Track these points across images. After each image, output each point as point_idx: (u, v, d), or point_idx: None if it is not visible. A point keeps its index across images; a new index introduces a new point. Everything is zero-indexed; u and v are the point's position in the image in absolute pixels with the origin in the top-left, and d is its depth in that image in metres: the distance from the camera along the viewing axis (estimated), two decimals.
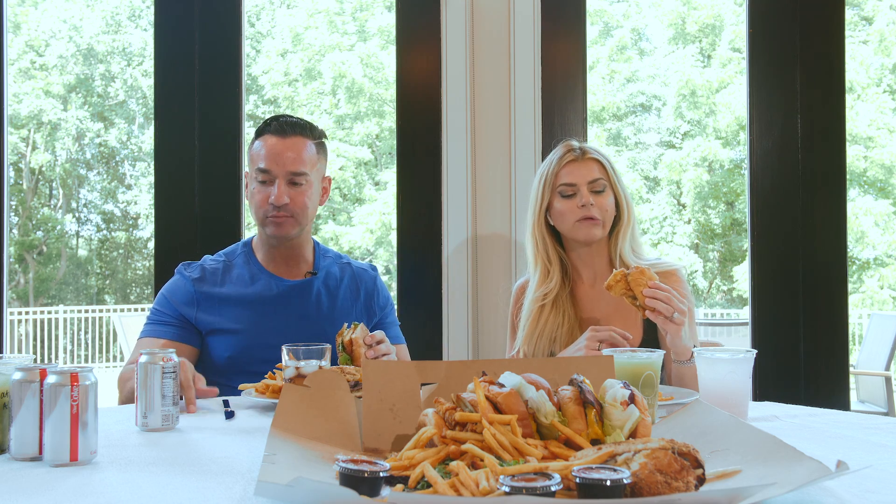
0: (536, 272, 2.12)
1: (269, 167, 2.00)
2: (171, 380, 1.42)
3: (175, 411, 1.43)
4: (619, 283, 1.76)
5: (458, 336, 2.84)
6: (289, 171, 2.00)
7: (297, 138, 2.03)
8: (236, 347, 2.00)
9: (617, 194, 2.07)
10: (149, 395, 1.40)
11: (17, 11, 12.21)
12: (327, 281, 2.14)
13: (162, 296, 2.07)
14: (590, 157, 2.06)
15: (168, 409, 1.41)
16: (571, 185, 2.04)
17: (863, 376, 5.10)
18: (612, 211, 2.06)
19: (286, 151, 2.00)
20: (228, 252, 2.16)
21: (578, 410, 1.08)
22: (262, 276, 2.08)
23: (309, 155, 2.04)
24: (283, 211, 2.00)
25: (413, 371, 1.25)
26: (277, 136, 2.02)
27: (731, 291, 12.13)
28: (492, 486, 0.88)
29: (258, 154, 2.03)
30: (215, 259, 2.13)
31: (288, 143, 2.01)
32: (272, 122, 2.05)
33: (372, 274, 2.23)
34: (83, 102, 12.73)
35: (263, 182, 2.01)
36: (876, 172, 10.93)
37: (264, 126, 2.06)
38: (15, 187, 12.51)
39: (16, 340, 9.88)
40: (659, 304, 1.71)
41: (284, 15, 12.66)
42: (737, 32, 11.61)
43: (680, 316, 1.72)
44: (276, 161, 2.00)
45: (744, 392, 1.49)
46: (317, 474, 0.99)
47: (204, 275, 2.07)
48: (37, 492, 1.02)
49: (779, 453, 0.99)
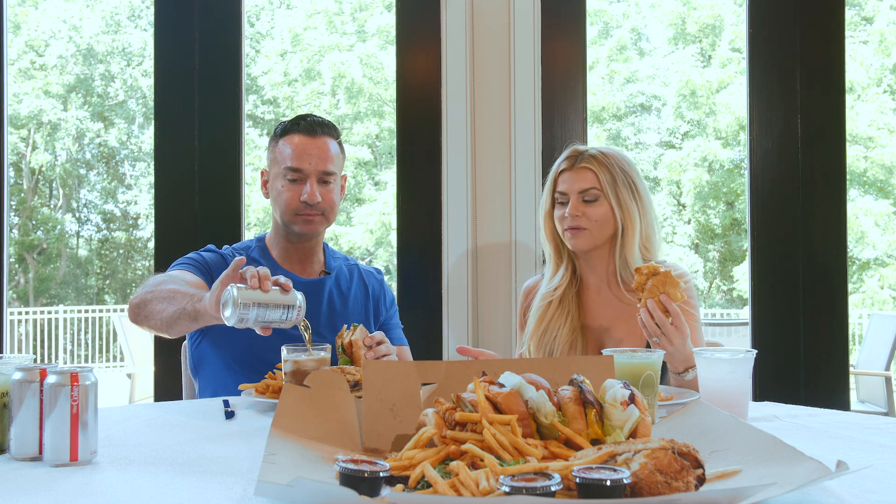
0: (549, 268, 2.15)
1: (301, 166, 2.02)
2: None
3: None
4: (644, 275, 1.75)
5: (459, 337, 2.84)
6: (320, 170, 2.03)
7: (325, 138, 2.06)
8: (246, 343, 1.96)
9: (613, 204, 2.03)
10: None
11: (17, 11, 12.21)
12: (339, 281, 2.16)
13: (194, 253, 2.06)
14: (583, 166, 2.04)
15: None
16: (563, 194, 2.06)
17: (863, 376, 5.10)
18: (607, 220, 2.03)
19: (317, 150, 2.03)
20: (243, 247, 2.16)
21: (578, 410, 1.08)
22: (277, 272, 2.08)
23: (335, 154, 2.08)
24: (315, 209, 2.03)
25: (413, 371, 1.25)
26: (307, 136, 2.04)
27: (731, 291, 12.14)
28: (492, 486, 0.88)
29: (285, 153, 2.04)
30: (235, 250, 2.13)
31: (318, 142, 2.04)
32: (300, 122, 2.06)
33: (378, 277, 2.26)
34: (83, 102, 12.73)
35: (294, 181, 2.03)
36: (876, 172, 10.93)
37: (292, 125, 2.07)
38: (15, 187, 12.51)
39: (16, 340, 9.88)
40: (649, 322, 1.73)
41: (284, 15, 12.67)
42: (737, 32, 11.62)
43: (662, 341, 1.73)
44: (308, 160, 2.02)
45: (744, 392, 1.49)
46: (317, 474, 0.99)
47: (234, 254, 2.08)
48: (37, 492, 1.02)
49: (779, 453, 0.99)
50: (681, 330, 1.72)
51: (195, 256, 2.05)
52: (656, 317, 1.72)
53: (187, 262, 2.02)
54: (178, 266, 2.02)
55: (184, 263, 2.02)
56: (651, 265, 1.75)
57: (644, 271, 1.75)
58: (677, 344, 1.72)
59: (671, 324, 1.72)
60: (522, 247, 2.84)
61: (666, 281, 1.72)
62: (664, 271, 1.73)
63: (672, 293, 1.72)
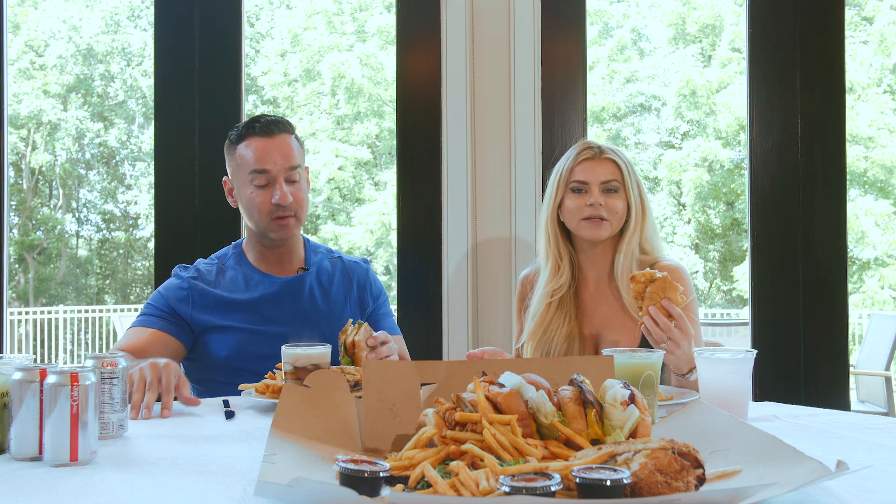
0: (547, 267, 2.12)
1: (267, 167, 2.00)
2: (116, 385, 1.34)
3: (121, 417, 1.34)
4: (642, 283, 1.72)
5: (458, 336, 2.84)
6: (286, 168, 2.01)
7: (284, 135, 2.05)
8: (232, 346, 2.01)
9: (628, 198, 2.05)
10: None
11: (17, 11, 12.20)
12: (319, 276, 2.15)
13: (157, 293, 2.08)
14: (607, 157, 2.06)
15: (115, 416, 1.33)
16: (584, 183, 2.04)
17: (863, 376, 5.10)
18: (623, 214, 2.05)
19: (278, 149, 2.01)
20: (220, 255, 2.17)
21: (578, 410, 1.08)
22: (254, 275, 2.09)
23: (296, 149, 2.06)
24: (288, 210, 2.01)
25: (413, 371, 1.25)
26: (265, 137, 2.02)
27: (731, 291, 12.13)
28: (492, 486, 0.88)
29: (248, 158, 2.01)
30: (209, 262, 2.14)
31: (277, 141, 2.03)
32: (255, 125, 2.04)
33: (364, 267, 2.23)
34: (83, 102, 12.72)
35: (262, 186, 2.01)
36: (876, 172, 10.92)
37: (247, 130, 2.04)
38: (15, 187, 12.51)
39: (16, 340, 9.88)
40: (655, 329, 1.70)
41: (284, 15, 12.66)
42: (737, 32, 11.61)
43: (670, 346, 1.70)
44: (273, 160, 2.00)
45: (744, 392, 1.49)
46: (317, 474, 0.99)
47: (199, 275, 2.08)
48: (37, 492, 1.02)
49: (779, 453, 0.99)
50: (686, 332, 1.70)
51: (158, 302, 2.04)
52: (661, 323, 1.69)
53: (148, 314, 2.02)
54: (139, 319, 2.02)
55: (145, 315, 2.02)
56: (647, 272, 1.72)
57: (641, 279, 1.72)
58: (684, 346, 1.71)
59: (676, 327, 1.69)
60: (522, 247, 2.84)
61: (665, 286, 1.70)
62: (661, 276, 1.71)
63: (673, 297, 1.69)
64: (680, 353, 1.72)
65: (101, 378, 1.31)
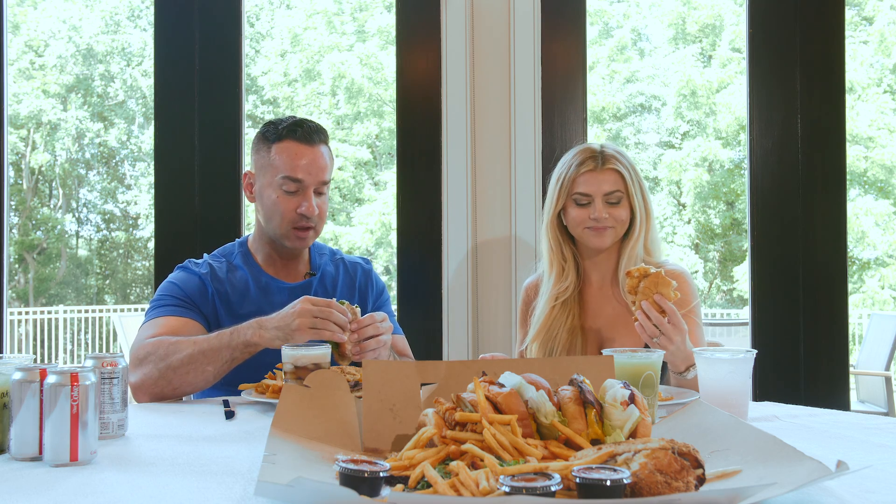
0: (553, 271, 2.12)
1: (302, 177, 1.95)
2: (116, 385, 1.34)
3: (121, 417, 1.35)
4: (636, 278, 1.73)
5: (458, 336, 2.84)
6: (319, 181, 1.98)
7: (321, 146, 2.00)
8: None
9: (633, 206, 2.04)
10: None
11: (17, 11, 12.20)
12: (324, 280, 2.13)
13: (173, 285, 1.98)
14: (609, 167, 2.04)
15: (115, 416, 1.34)
16: (586, 196, 2.03)
17: (863, 376, 5.09)
18: (626, 221, 2.05)
19: (315, 161, 1.97)
20: (226, 253, 2.11)
21: (578, 410, 1.08)
22: (262, 277, 2.07)
23: (330, 162, 2.03)
24: (310, 222, 1.98)
25: (413, 371, 1.25)
26: (304, 144, 1.97)
27: (731, 291, 12.13)
28: (492, 486, 0.88)
29: (283, 161, 1.96)
30: (217, 259, 2.09)
31: (316, 151, 1.98)
32: (297, 129, 1.98)
33: (366, 267, 2.21)
34: (83, 102, 12.72)
35: (290, 192, 1.96)
36: (876, 172, 10.93)
37: (287, 132, 1.97)
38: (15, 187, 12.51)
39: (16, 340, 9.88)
40: (647, 323, 1.70)
41: (284, 15, 12.66)
42: (737, 32, 11.61)
43: (662, 341, 1.70)
44: (309, 171, 1.95)
45: (744, 392, 1.49)
46: (317, 474, 0.99)
47: (212, 272, 2.02)
48: (37, 492, 1.02)
49: (779, 453, 0.99)
50: (679, 327, 1.70)
51: (174, 292, 1.95)
52: (653, 317, 1.70)
53: (169, 305, 1.93)
54: (160, 310, 1.92)
55: (166, 306, 1.92)
56: (641, 267, 1.73)
57: (635, 274, 1.72)
58: (677, 342, 1.70)
59: (668, 322, 1.70)
60: (522, 247, 2.84)
61: (658, 281, 1.70)
62: (654, 272, 1.71)
63: (665, 293, 1.70)
64: (674, 350, 1.71)
65: (101, 378, 1.32)
